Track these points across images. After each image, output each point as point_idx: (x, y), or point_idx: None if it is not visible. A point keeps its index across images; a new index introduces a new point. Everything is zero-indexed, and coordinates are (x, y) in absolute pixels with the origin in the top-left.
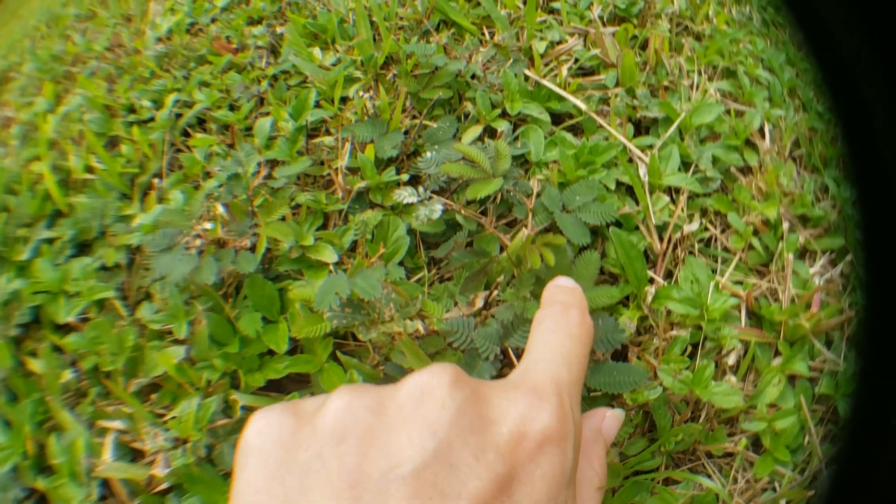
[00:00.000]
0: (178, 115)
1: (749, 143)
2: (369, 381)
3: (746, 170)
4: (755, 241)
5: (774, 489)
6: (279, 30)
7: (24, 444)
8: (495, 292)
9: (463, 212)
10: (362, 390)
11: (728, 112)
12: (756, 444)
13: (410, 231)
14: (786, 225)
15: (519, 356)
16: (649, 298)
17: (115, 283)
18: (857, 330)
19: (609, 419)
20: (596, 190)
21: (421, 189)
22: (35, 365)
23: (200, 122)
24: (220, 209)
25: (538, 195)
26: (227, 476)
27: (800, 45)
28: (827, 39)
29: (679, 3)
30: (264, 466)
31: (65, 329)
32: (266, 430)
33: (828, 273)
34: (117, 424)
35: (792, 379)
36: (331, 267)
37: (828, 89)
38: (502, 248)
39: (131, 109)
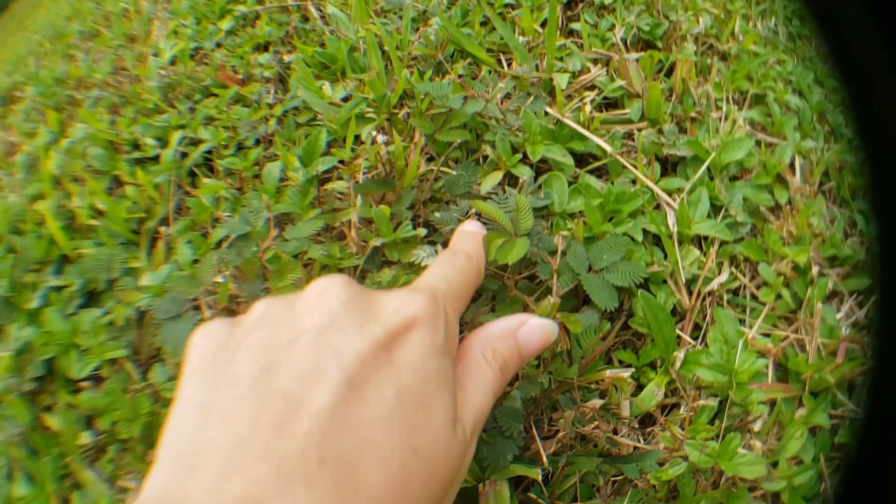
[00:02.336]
0: (184, 155)
1: (779, 178)
2: None
3: (776, 208)
4: (784, 291)
5: None
6: (286, 58)
7: (47, 499)
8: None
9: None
10: (276, 298)
11: (758, 144)
12: (775, 496)
13: None
14: (815, 269)
15: (543, 433)
16: (678, 364)
17: (126, 341)
18: (868, 372)
19: (529, 326)
20: (623, 247)
21: (440, 247)
22: (52, 421)
23: (207, 161)
24: (227, 270)
25: (563, 253)
26: None
27: (825, 58)
28: (851, 50)
29: (704, 21)
30: (204, 354)
31: (77, 384)
32: (206, 331)
33: (854, 316)
34: (137, 485)
35: (813, 430)
36: None
37: (853, 107)
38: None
39: (135, 145)
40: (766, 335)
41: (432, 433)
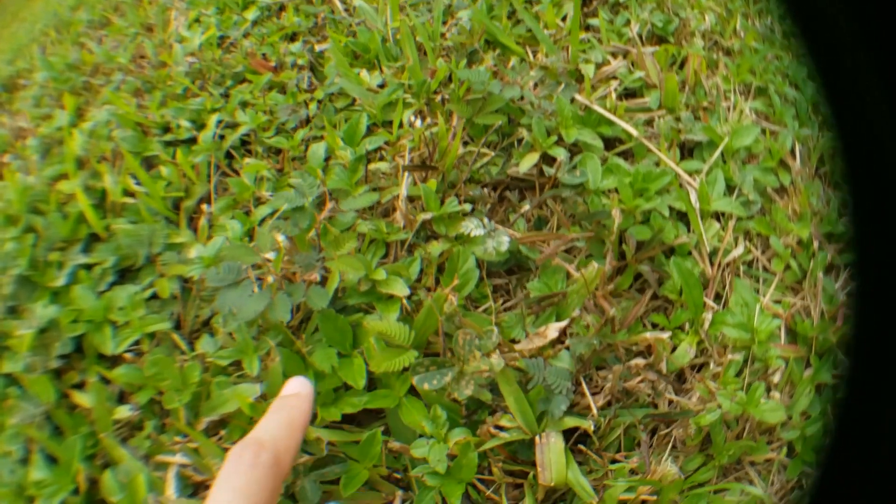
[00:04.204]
0: (221, 137)
1: (781, 162)
2: (452, 415)
3: (781, 190)
4: (792, 262)
5: (801, 486)
6: (317, 47)
7: (73, 479)
8: (565, 323)
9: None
10: None
11: (763, 132)
12: (789, 448)
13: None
14: (815, 244)
15: (592, 387)
16: (706, 324)
17: (169, 314)
18: (847, 332)
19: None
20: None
21: (485, 220)
22: (82, 398)
23: (243, 143)
24: (280, 240)
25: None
26: None
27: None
28: (827, 49)
29: (710, 19)
30: None
31: (110, 360)
32: None
33: (850, 286)
34: (178, 459)
35: (819, 387)
36: (403, 301)
37: (826, 97)
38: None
39: (166, 128)
40: (777, 302)
41: None
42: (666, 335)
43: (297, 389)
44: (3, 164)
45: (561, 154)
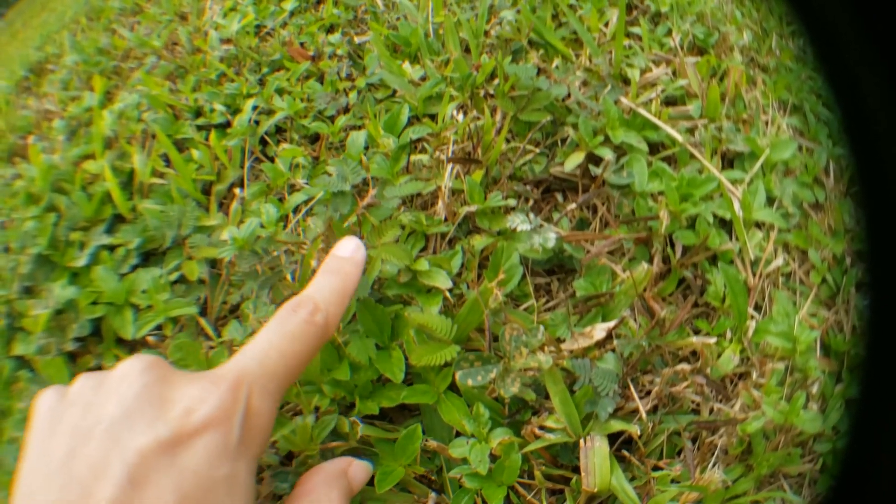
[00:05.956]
0: (256, 122)
1: (816, 180)
2: (494, 414)
3: (816, 206)
4: (828, 276)
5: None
6: (357, 39)
7: None
8: (613, 324)
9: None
10: (93, 374)
11: (800, 148)
12: (820, 461)
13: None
14: (848, 260)
15: (638, 392)
16: (750, 332)
17: (194, 298)
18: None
19: (356, 467)
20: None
21: (531, 215)
22: None
23: (278, 132)
24: (310, 222)
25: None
26: None
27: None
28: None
29: (747, 36)
30: (36, 423)
31: (129, 345)
32: (42, 398)
33: (865, 301)
34: None
35: (848, 402)
36: (446, 293)
37: (837, 108)
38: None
39: (198, 112)
40: (813, 315)
41: None
42: (713, 340)
43: (352, 253)
44: (29, 145)
45: (608, 154)
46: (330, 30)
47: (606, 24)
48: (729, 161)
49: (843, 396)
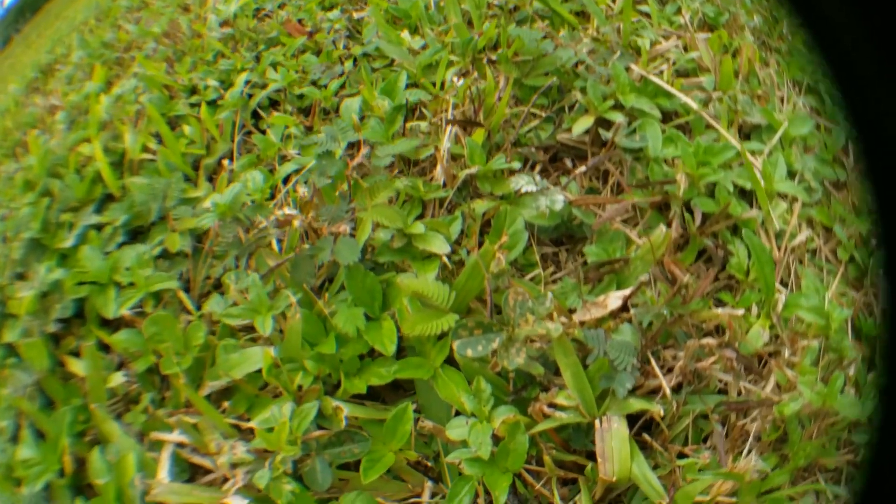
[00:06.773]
0: (249, 96)
1: (836, 159)
2: (497, 391)
3: (838, 184)
4: (856, 254)
5: None
6: (355, 15)
7: (59, 458)
8: (629, 291)
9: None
10: None
11: (818, 127)
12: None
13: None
14: (873, 241)
15: (661, 362)
16: (779, 306)
17: (177, 273)
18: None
19: None
20: None
21: (536, 177)
22: (77, 366)
23: (272, 104)
24: (301, 191)
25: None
26: (321, 502)
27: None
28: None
29: (758, 19)
30: None
31: (113, 325)
32: None
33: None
34: (175, 437)
35: (882, 392)
36: (443, 258)
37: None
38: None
39: (192, 91)
40: (843, 294)
41: None
42: (740, 311)
43: None
44: (30, 137)
45: (618, 118)
46: (329, 8)
47: (614, 1)
48: (745, 134)
49: (876, 385)
